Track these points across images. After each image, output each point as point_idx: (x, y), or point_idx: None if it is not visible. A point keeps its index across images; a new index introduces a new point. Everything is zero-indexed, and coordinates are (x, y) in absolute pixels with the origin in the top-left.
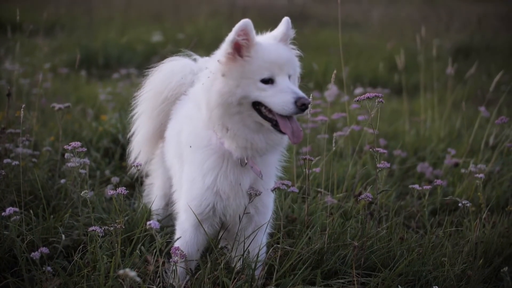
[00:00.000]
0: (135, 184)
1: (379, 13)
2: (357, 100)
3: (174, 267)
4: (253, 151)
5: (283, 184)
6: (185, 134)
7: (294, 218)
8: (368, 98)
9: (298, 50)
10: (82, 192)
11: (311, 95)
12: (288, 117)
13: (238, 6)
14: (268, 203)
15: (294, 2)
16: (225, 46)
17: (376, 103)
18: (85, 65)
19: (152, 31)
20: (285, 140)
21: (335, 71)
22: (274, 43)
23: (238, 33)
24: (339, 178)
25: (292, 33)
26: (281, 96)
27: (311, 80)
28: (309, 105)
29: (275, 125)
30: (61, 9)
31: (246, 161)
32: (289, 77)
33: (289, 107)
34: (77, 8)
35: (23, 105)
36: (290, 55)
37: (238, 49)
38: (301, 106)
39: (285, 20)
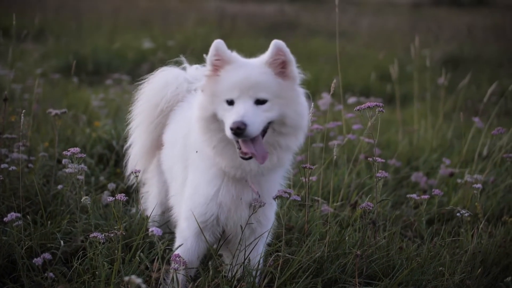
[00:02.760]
0: (132, 191)
1: (367, 22)
2: (358, 109)
3: (174, 275)
4: (243, 171)
5: (285, 192)
6: (193, 138)
7: (292, 226)
8: (368, 107)
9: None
10: (83, 199)
11: None
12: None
13: (227, 13)
14: (270, 216)
15: (285, 10)
16: (207, 64)
17: (377, 112)
18: (74, 71)
19: (141, 38)
20: (284, 161)
21: (334, 80)
22: (245, 65)
23: (212, 52)
24: (334, 187)
25: (282, 57)
26: (229, 119)
27: (303, 88)
28: (241, 129)
29: (239, 147)
30: (49, 15)
31: (246, 179)
32: (265, 101)
33: (228, 132)
34: (65, 14)
35: (23, 111)
36: (261, 79)
37: (215, 68)
38: (231, 130)
39: (272, 44)
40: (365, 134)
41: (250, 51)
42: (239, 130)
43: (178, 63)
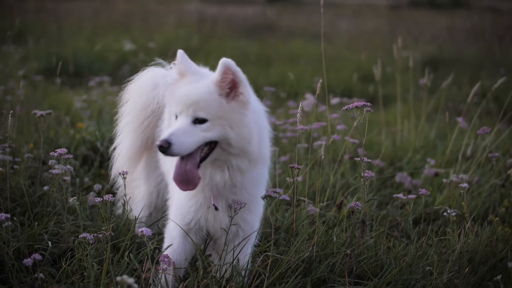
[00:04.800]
0: (116, 192)
1: (346, 24)
2: (346, 109)
3: (162, 275)
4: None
5: (274, 192)
6: None
7: (278, 226)
8: (356, 107)
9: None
10: (71, 200)
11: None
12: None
13: (207, 15)
14: (250, 220)
15: (265, 12)
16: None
17: (365, 112)
18: (55, 73)
19: (121, 40)
20: (237, 180)
21: (320, 80)
22: (194, 81)
23: (176, 62)
24: (319, 187)
25: (231, 76)
26: None
27: (284, 89)
28: (164, 148)
29: None
30: (28, 17)
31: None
32: (204, 121)
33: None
34: (44, 17)
35: (11, 111)
36: (202, 98)
37: (177, 78)
38: (158, 147)
39: (220, 63)
40: (351, 134)
41: (231, 53)
42: (161, 148)
43: (159, 65)
